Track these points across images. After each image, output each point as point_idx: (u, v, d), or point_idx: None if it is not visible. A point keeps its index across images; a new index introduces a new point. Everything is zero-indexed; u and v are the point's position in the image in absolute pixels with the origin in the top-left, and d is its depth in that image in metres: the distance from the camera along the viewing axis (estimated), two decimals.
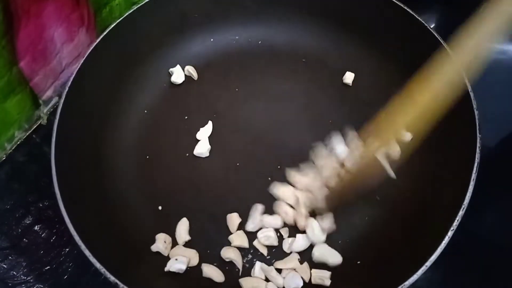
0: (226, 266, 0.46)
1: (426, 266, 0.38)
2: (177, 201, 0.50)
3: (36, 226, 0.52)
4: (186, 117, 0.56)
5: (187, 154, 0.54)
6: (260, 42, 0.61)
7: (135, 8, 0.54)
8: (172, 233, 0.48)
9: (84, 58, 0.51)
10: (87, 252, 0.39)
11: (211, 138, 0.54)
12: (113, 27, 0.53)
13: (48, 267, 0.50)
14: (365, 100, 0.56)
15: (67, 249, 0.50)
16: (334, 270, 0.45)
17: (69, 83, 0.49)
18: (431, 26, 0.64)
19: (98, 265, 0.39)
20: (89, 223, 0.44)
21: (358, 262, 0.45)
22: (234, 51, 0.61)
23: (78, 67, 0.50)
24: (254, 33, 0.61)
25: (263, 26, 0.61)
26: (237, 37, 0.61)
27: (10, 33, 0.48)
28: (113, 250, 0.44)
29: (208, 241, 0.48)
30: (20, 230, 0.52)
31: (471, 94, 0.46)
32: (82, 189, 0.46)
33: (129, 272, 0.42)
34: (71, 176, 0.45)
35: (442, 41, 0.50)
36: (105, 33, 0.52)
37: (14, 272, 0.50)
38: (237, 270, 0.46)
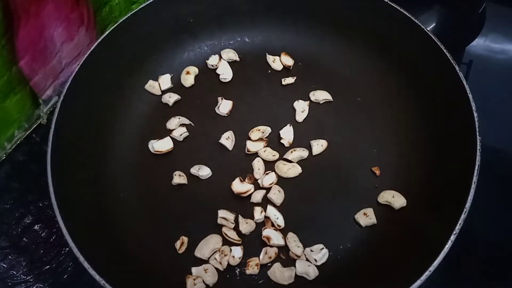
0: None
1: (430, 271, 0.38)
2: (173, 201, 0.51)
3: (36, 226, 0.52)
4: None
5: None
6: (255, 46, 0.61)
7: (132, 12, 0.54)
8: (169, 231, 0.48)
9: (84, 58, 0.51)
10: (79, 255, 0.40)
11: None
12: (112, 29, 0.53)
13: (48, 266, 0.50)
14: (362, 102, 0.56)
15: (67, 249, 0.50)
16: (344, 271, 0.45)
17: (69, 82, 0.49)
18: (431, 26, 0.64)
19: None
20: (84, 224, 0.44)
21: (361, 267, 0.45)
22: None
23: (78, 66, 0.50)
24: (249, 38, 0.61)
25: (259, 30, 0.61)
26: (231, 42, 0.61)
27: (9, 32, 0.48)
28: (106, 253, 0.44)
29: None
30: (20, 230, 0.52)
31: (470, 96, 0.46)
32: (78, 190, 0.47)
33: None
34: (67, 177, 0.45)
35: (438, 42, 0.50)
36: (104, 34, 0.53)
37: (14, 272, 0.50)
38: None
